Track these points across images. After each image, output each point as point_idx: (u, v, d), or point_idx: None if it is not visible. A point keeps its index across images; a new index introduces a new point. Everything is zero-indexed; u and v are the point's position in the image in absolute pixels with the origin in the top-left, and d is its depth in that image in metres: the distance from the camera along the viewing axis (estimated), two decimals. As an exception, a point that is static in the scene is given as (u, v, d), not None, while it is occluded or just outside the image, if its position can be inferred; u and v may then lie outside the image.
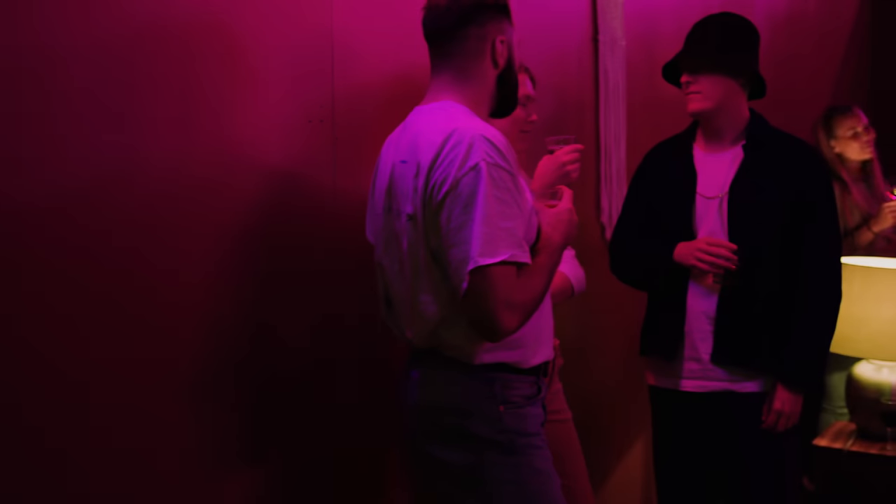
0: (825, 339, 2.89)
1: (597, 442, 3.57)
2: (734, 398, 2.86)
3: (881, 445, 3.60)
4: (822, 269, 2.86)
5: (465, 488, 2.11)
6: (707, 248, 2.79)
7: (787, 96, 4.85)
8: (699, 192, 2.88)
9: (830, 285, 2.88)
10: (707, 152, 2.93)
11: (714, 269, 2.79)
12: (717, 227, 2.85)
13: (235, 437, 2.23)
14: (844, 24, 5.94)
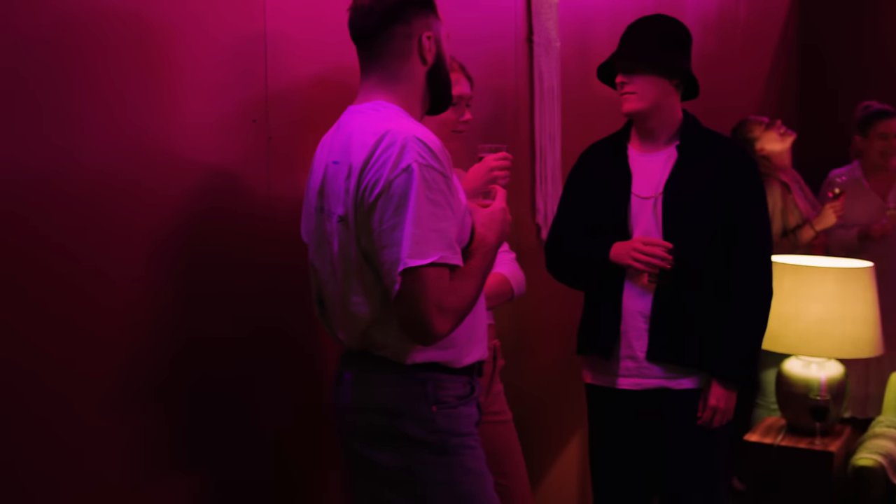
0: (757, 336, 2.93)
1: (534, 441, 3.59)
2: (669, 395, 2.90)
3: (810, 440, 3.68)
4: (753, 267, 2.90)
5: (397, 489, 2.11)
6: (642, 247, 2.82)
7: (718, 98, 4.92)
8: (634, 192, 2.91)
9: (761, 283, 2.92)
10: (641, 152, 2.96)
11: (649, 269, 2.83)
12: (652, 227, 2.88)
13: (167, 441, 2.20)
14: (774, 27, 6.05)
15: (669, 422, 2.91)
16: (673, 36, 2.91)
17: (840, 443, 3.70)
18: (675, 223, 2.86)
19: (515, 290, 2.81)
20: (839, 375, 3.73)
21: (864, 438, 3.84)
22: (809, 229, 4.43)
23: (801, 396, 3.71)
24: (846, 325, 3.65)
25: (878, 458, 3.61)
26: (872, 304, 3.70)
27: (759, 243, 2.92)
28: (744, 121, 4.58)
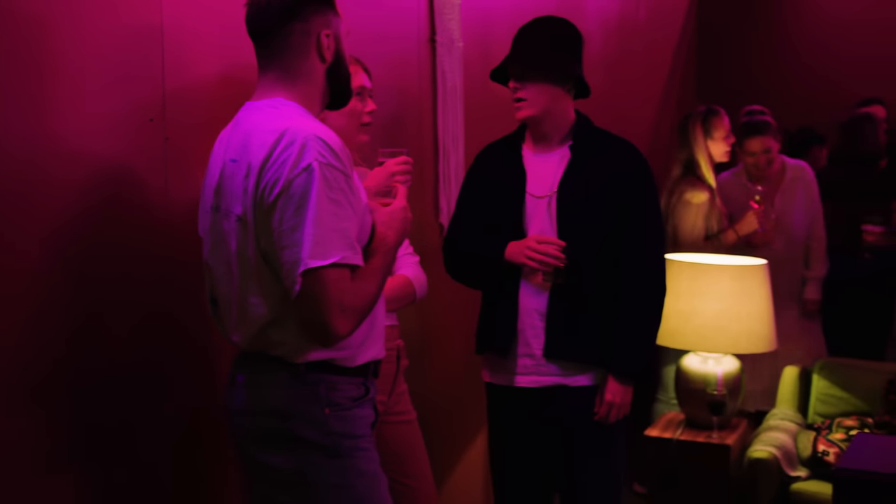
0: (651, 331, 2.99)
1: (439, 441, 3.60)
2: (567, 392, 2.93)
3: (707, 434, 3.77)
4: (647, 264, 2.95)
5: (290, 492, 2.09)
6: (536, 246, 2.85)
7: (618, 99, 5.00)
8: (528, 192, 2.94)
9: (655, 279, 2.98)
10: (535, 153, 2.99)
11: (543, 267, 2.86)
12: (547, 226, 2.91)
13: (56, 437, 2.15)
14: (673, 29, 6.17)
15: (567, 418, 2.94)
16: (564, 40, 2.94)
17: (736, 436, 3.80)
18: (570, 221, 2.89)
19: (418, 293, 2.82)
20: (735, 370, 3.83)
21: (758, 431, 3.95)
22: (733, 233, 4.51)
23: (699, 391, 3.79)
24: (742, 321, 3.74)
25: (772, 449, 3.71)
26: (766, 300, 3.81)
27: (652, 240, 2.97)
28: (710, 116, 4.63)
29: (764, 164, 4.64)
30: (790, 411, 4.12)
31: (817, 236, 4.75)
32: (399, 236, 2.17)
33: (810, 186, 4.75)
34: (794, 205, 4.70)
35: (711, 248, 4.44)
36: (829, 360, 4.27)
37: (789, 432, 3.92)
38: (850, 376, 4.14)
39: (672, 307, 3.76)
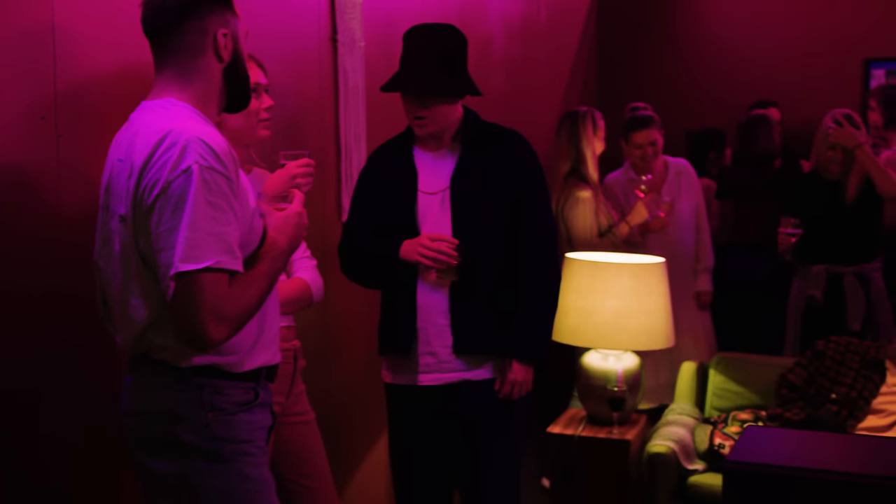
0: (550, 316, 3.06)
1: (342, 442, 3.59)
2: (469, 386, 2.96)
3: (608, 430, 3.83)
4: (542, 252, 3.00)
5: (173, 497, 2.07)
6: (429, 244, 2.87)
7: (521, 100, 5.05)
8: (421, 189, 2.96)
9: (550, 266, 3.03)
10: (427, 150, 3.01)
11: (436, 265, 2.88)
12: (441, 223, 2.93)
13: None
14: (574, 32, 6.26)
15: (468, 412, 2.97)
16: (456, 55, 2.94)
17: (636, 431, 3.87)
18: (464, 217, 2.92)
19: (315, 296, 2.81)
20: (635, 367, 3.90)
21: (657, 426, 4.03)
22: (625, 225, 4.62)
23: (600, 388, 3.85)
24: (641, 318, 3.81)
25: (670, 444, 3.79)
26: (665, 297, 3.89)
27: (544, 229, 3.03)
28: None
29: (651, 155, 4.76)
30: (688, 406, 4.22)
31: (703, 228, 4.88)
32: (292, 242, 2.16)
33: (692, 181, 4.89)
34: (679, 200, 4.82)
35: (609, 243, 4.53)
36: (725, 355, 4.38)
37: (687, 427, 4.01)
38: (745, 371, 4.25)
39: (573, 305, 3.82)
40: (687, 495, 3.80)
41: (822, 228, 4.49)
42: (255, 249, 2.07)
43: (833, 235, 4.51)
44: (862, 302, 4.43)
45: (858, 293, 4.43)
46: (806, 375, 3.95)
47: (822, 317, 4.49)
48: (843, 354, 3.95)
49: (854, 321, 4.41)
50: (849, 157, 4.44)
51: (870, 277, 4.46)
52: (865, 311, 4.43)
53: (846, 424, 3.77)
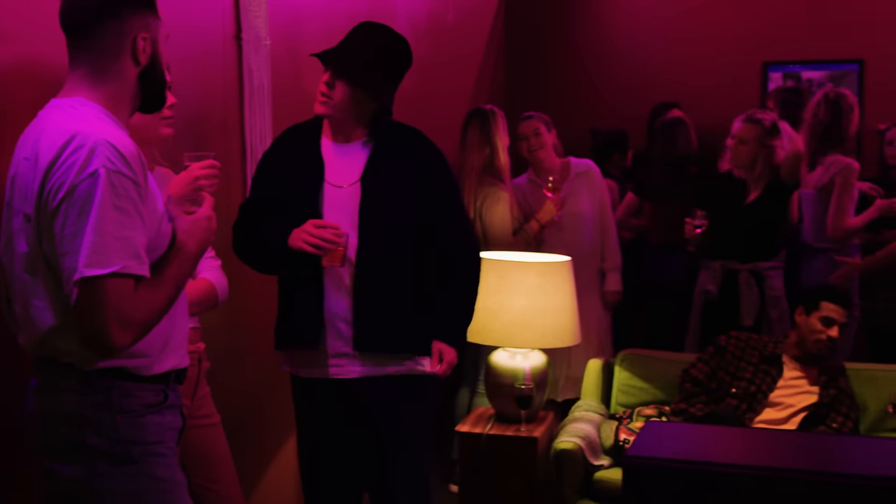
0: (472, 306, 3.13)
1: (250, 443, 3.55)
2: (376, 382, 2.97)
3: (516, 427, 3.87)
4: (460, 236, 3.06)
5: (81, 502, 2.04)
6: (313, 230, 2.86)
7: (428, 100, 5.06)
8: (328, 181, 2.96)
9: (472, 257, 3.11)
10: (335, 143, 3.01)
11: (320, 252, 2.87)
12: (348, 218, 2.93)
13: None
14: (482, 32, 6.29)
15: (376, 409, 2.98)
16: (390, 61, 2.96)
17: (543, 428, 3.92)
18: (373, 213, 2.93)
19: (220, 297, 2.79)
20: (542, 364, 3.95)
21: (564, 423, 4.08)
22: (535, 223, 4.70)
23: (508, 386, 3.89)
24: (547, 316, 3.86)
25: (576, 440, 3.84)
26: (571, 295, 3.95)
27: (463, 223, 3.08)
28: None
29: (535, 146, 4.86)
30: (594, 402, 4.28)
31: (608, 228, 4.96)
32: (201, 245, 2.14)
33: (595, 182, 4.97)
34: (581, 199, 4.91)
35: (522, 241, 4.60)
36: (630, 352, 4.45)
37: (593, 423, 4.07)
38: (649, 367, 4.33)
39: (481, 304, 3.82)
40: (593, 490, 3.86)
41: (721, 224, 4.60)
42: (163, 253, 2.04)
43: (731, 232, 4.62)
44: (755, 299, 4.54)
45: (752, 290, 4.55)
46: (708, 370, 4.04)
47: (719, 312, 4.61)
48: (743, 350, 4.06)
49: (746, 317, 4.52)
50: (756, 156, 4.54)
51: (765, 276, 4.58)
52: (758, 307, 4.54)
53: (745, 418, 3.87)
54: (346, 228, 2.90)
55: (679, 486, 1.50)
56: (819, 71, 6.17)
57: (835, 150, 4.74)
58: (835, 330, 3.90)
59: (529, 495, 3.82)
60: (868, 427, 4.00)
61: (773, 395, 3.92)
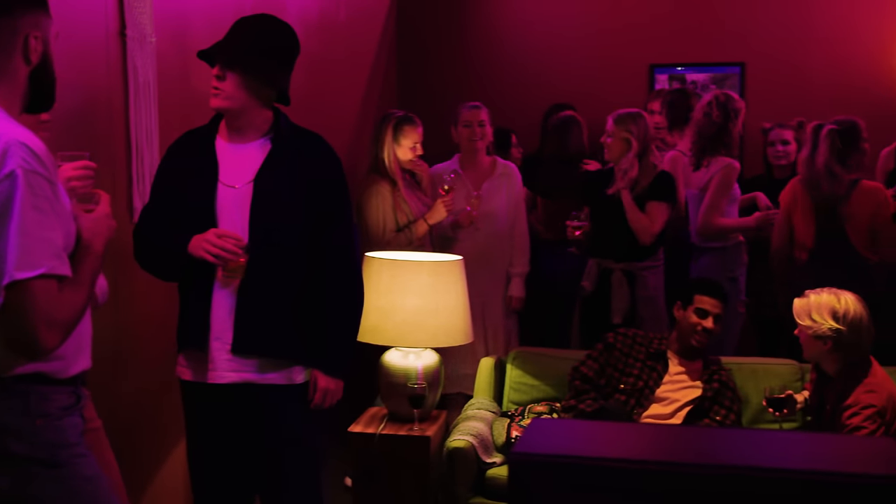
0: (352, 326, 3.08)
1: (137, 449, 3.48)
2: (262, 389, 2.94)
3: (409, 426, 3.88)
4: (342, 259, 3.03)
5: None
6: (215, 240, 2.84)
7: (320, 98, 5.03)
8: (222, 182, 2.92)
9: (355, 279, 3.07)
10: (231, 143, 2.98)
11: (220, 262, 2.84)
12: (240, 218, 2.90)
13: None
14: (374, 29, 6.28)
15: (263, 415, 2.95)
16: (279, 49, 2.95)
17: (436, 427, 3.94)
18: (264, 214, 2.90)
19: (100, 300, 2.73)
20: (435, 364, 3.96)
21: (457, 421, 4.11)
22: (423, 223, 4.69)
23: (401, 386, 3.90)
24: (440, 315, 3.88)
25: (469, 438, 3.87)
26: (463, 295, 3.97)
27: (347, 235, 3.04)
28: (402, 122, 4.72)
29: (479, 135, 4.92)
30: (486, 400, 4.31)
31: (519, 232, 5.01)
32: (104, 244, 2.13)
33: (514, 186, 5.02)
34: (499, 199, 4.95)
35: (405, 240, 4.59)
36: (522, 349, 4.51)
37: (486, 421, 4.11)
38: (540, 365, 4.38)
39: (373, 304, 3.84)
40: (486, 488, 3.89)
41: (599, 223, 4.69)
42: (71, 253, 2.02)
43: (605, 231, 4.71)
44: (626, 298, 4.63)
45: (623, 289, 4.62)
46: (597, 367, 4.11)
47: (594, 310, 4.70)
48: (631, 346, 4.14)
49: (615, 315, 4.61)
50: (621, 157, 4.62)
51: (638, 275, 4.66)
52: (629, 306, 4.63)
53: (633, 413, 3.95)
54: (237, 229, 2.87)
55: (563, 482, 1.53)
56: (703, 73, 6.35)
57: (721, 152, 4.87)
58: (709, 321, 4.01)
59: (422, 494, 3.83)
60: (750, 419, 4.13)
61: (659, 391, 4.01)
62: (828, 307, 3.56)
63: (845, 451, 1.73)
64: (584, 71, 6.45)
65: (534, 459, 1.54)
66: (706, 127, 4.86)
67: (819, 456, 1.67)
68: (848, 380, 3.56)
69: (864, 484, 1.48)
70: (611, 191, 4.62)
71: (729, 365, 4.17)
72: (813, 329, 3.57)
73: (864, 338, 3.57)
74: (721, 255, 4.90)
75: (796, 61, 6.21)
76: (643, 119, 4.66)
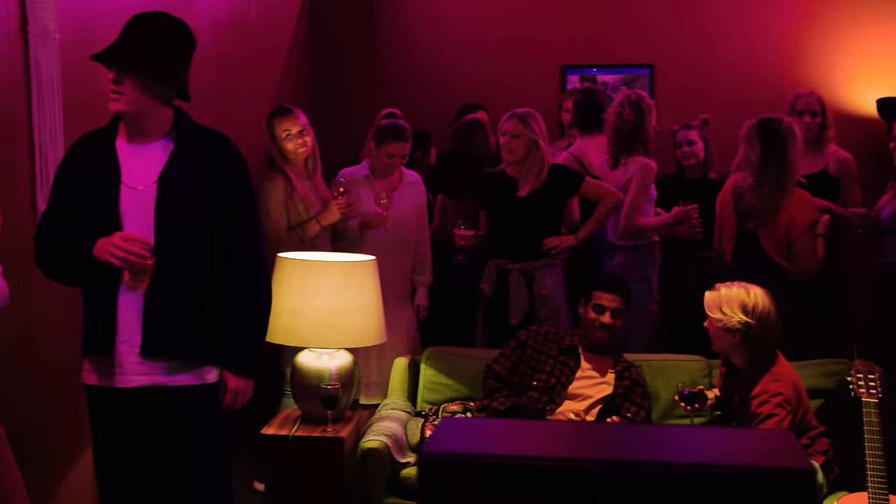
0: (261, 325, 3.06)
1: (41, 456, 3.39)
2: (174, 391, 2.90)
3: (323, 428, 3.86)
4: (247, 257, 3.00)
5: None
6: (121, 244, 2.80)
7: (231, 96, 4.98)
8: (125, 184, 2.88)
9: (262, 279, 3.04)
10: (132, 145, 2.93)
11: (127, 266, 2.80)
12: (144, 219, 2.86)
13: None
14: (286, 28, 6.23)
15: (171, 417, 2.92)
16: (173, 46, 2.90)
17: (350, 428, 3.92)
18: (168, 215, 2.87)
19: (1, 303, 2.66)
20: (348, 364, 3.95)
21: (371, 422, 4.10)
22: (316, 224, 4.65)
23: (314, 387, 3.87)
24: (353, 316, 3.86)
25: (383, 439, 3.86)
26: (376, 295, 3.96)
27: (255, 241, 3.02)
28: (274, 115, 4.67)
29: (397, 166, 4.90)
30: (400, 400, 4.31)
31: (423, 242, 5.02)
32: None
33: (420, 196, 5.02)
34: (407, 207, 4.94)
35: (296, 239, 4.56)
36: (436, 349, 4.51)
37: (400, 421, 4.10)
38: (454, 364, 4.40)
39: (285, 305, 3.81)
40: (400, 488, 3.89)
41: (498, 223, 4.72)
42: None
43: (504, 233, 4.74)
44: (524, 299, 4.67)
45: (521, 290, 4.67)
46: (510, 365, 4.14)
47: (494, 311, 4.73)
48: (543, 343, 4.18)
49: (514, 316, 4.65)
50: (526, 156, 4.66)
51: (535, 275, 4.71)
52: (527, 307, 4.68)
53: (546, 410, 3.99)
54: (142, 231, 2.83)
55: (472, 480, 1.53)
56: (613, 75, 6.44)
57: (638, 151, 4.93)
58: (606, 316, 4.08)
59: (337, 495, 3.81)
60: (660, 415, 4.20)
61: (571, 387, 4.05)
62: (738, 300, 3.64)
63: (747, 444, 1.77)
64: (496, 71, 6.48)
65: (443, 459, 1.54)
66: (621, 127, 4.92)
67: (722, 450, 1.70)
68: (755, 371, 3.65)
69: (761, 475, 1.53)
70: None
71: (639, 362, 4.24)
72: (723, 322, 3.65)
73: (772, 331, 3.67)
74: (635, 253, 4.97)
75: (703, 62, 6.34)
76: (540, 118, 4.72)
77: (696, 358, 4.34)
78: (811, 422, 3.72)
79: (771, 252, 4.38)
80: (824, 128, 5.23)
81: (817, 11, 6.23)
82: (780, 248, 4.37)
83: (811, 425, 3.72)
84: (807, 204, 4.38)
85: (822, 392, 4.05)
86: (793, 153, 4.35)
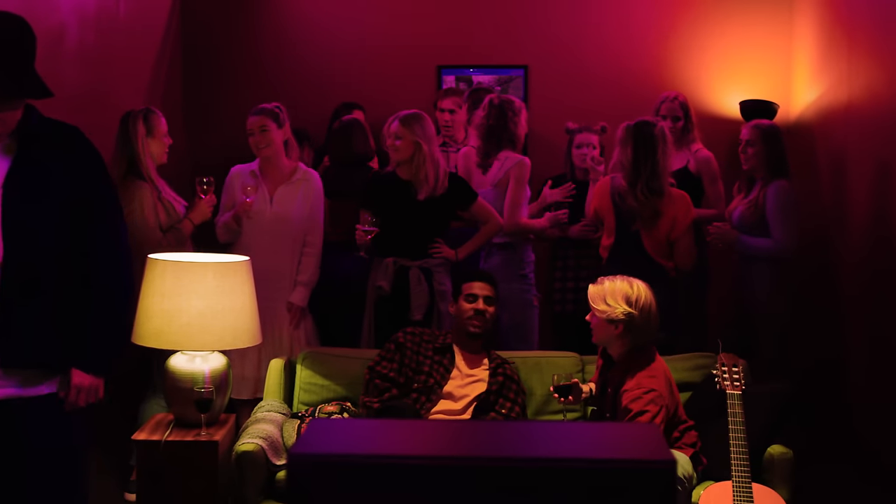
0: (116, 323, 3.00)
1: None
2: (25, 404, 2.81)
3: (196, 432, 3.79)
4: (105, 254, 2.92)
5: None
6: None
7: (99, 95, 4.85)
8: None
9: (114, 267, 2.96)
10: None
11: None
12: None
13: None
14: (157, 25, 6.10)
15: (30, 431, 2.83)
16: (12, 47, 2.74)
17: (225, 431, 3.86)
18: (19, 218, 2.77)
19: None
20: (222, 367, 3.89)
21: (246, 424, 4.04)
22: (189, 223, 4.66)
23: (188, 390, 3.80)
24: (226, 317, 3.80)
25: (258, 441, 3.82)
26: (250, 296, 3.91)
27: (113, 233, 2.96)
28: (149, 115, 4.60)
29: (263, 143, 4.87)
30: (276, 402, 4.27)
31: (311, 241, 4.97)
32: None
33: (312, 192, 4.98)
34: (293, 204, 4.90)
35: (174, 240, 4.51)
36: (311, 350, 4.49)
37: (276, 423, 4.06)
38: (330, 365, 4.38)
39: (156, 307, 3.73)
40: (276, 490, 3.85)
41: (393, 223, 4.74)
42: None
43: (402, 230, 4.76)
44: (425, 294, 4.72)
45: (422, 286, 4.71)
46: (396, 366, 4.14)
47: (391, 308, 4.75)
48: (419, 344, 4.20)
49: (416, 312, 4.69)
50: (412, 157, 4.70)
51: (434, 272, 4.76)
52: (428, 302, 4.72)
53: (423, 410, 4.01)
54: None
55: (341, 481, 1.53)
56: (488, 75, 6.50)
57: (507, 149, 5.02)
58: (480, 303, 4.17)
59: (212, 500, 3.75)
60: (534, 411, 4.27)
61: (448, 387, 4.09)
62: (621, 292, 3.74)
63: (612, 438, 1.81)
64: (372, 71, 6.48)
65: (312, 459, 1.54)
66: (485, 129, 5.04)
67: (587, 444, 1.74)
68: (631, 364, 3.74)
69: (622, 468, 1.57)
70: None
71: (513, 358, 4.30)
72: (607, 313, 3.73)
73: (652, 323, 3.77)
74: (511, 253, 5.04)
75: (575, 64, 6.45)
76: (427, 120, 4.75)
77: (569, 354, 4.43)
78: (682, 416, 3.84)
79: (651, 252, 4.57)
80: (687, 130, 5.42)
81: (683, 15, 6.42)
82: (660, 248, 4.62)
83: (682, 419, 3.83)
84: (687, 204, 4.60)
85: (690, 385, 4.18)
86: (663, 157, 4.53)
